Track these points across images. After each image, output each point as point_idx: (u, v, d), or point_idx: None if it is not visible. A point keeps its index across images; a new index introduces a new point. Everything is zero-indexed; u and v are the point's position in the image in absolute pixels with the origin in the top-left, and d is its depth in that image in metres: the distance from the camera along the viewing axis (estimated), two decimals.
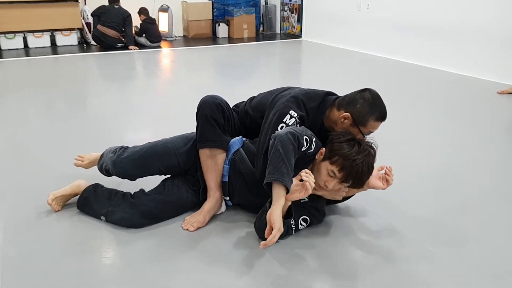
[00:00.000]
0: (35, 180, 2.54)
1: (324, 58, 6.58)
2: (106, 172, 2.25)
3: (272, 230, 1.72)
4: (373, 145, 1.91)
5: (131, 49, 7.08)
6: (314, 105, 2.11)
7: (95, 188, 2.17)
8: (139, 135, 2.33)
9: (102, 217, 2.08)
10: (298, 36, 8.38)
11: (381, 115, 2.04)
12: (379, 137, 2.04)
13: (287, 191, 1.78)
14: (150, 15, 7.73)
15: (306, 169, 1.83)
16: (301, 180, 1.79)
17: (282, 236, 1.89)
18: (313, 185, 1.77)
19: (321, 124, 2.14)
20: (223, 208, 2.18)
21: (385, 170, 2.01)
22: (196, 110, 2.16)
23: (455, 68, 5.40)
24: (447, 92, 4.60)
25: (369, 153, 1.85)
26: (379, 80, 5.14)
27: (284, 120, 2.00)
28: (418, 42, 5.86)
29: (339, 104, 2.10)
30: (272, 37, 8.61)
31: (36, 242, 1.95)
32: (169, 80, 5.43)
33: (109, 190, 2.15)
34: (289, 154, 1.79)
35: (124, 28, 7.18)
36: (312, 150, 1.93)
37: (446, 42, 5.49)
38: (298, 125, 2.01)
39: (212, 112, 2.10)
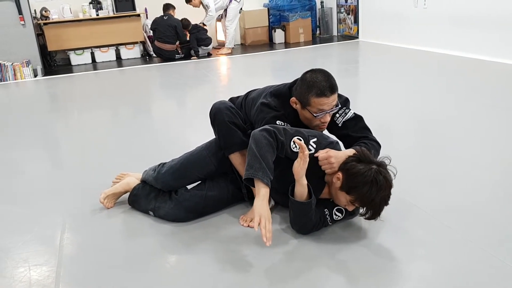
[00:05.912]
0: (93, 178, 2.73)
1: (380, 57, 6.46)
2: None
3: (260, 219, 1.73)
4: (391, 172, 1.83)
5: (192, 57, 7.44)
6: (282, 102, 2.14)
7: (144, 186, 2.30)
8: (197, 136, 2.43)
9: (151, 212, 2.21)
10: (355, 37, 8.29)
11: (321, 91, 2.01)
12: (441, 132, 1.98)
13: (266, 184, 1.78)
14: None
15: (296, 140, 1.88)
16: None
17: (317, 227, 1.95)
18: (305, 145, 1.80)
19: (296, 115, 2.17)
20: (272, 202, 2.21)
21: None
22: (211, 118, 2.22)
23: None
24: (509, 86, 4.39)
25: (387, 187, 1.78)
26: (436, 76, 4.98)
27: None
28: (478, 35, 5.62)
29: (293, 91, 2.14)
30: (329, 40, 8.57)
31: (91, 237, 2.11)
32: (226, 86, 5.58)
33: (156, 187, 2.27)
34: (263, 150, 1.82)
35: (178, 39, 7.43)
36: (312, 151, 1.93)
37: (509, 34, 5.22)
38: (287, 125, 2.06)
39: (229, 117, 2.16)
